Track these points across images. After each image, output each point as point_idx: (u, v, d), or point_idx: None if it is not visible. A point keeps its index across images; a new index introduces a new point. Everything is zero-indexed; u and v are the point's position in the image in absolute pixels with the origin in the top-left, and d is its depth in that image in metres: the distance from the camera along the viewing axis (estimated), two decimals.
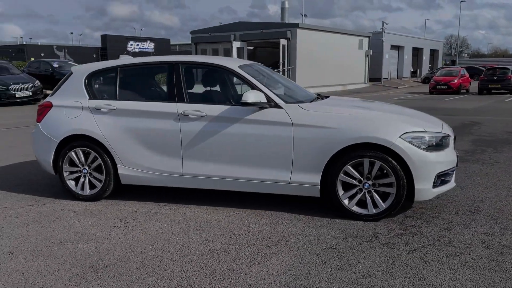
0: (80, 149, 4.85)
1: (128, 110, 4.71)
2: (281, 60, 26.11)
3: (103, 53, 50.69)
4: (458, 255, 3.40)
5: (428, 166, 4.00)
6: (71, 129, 4.84)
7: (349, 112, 4.25)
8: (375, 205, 4.13)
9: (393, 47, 40.04)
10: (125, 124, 4.70)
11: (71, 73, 5.14)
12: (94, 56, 50.21)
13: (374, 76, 36.44)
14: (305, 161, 4.23)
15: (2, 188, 5.42)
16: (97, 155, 4.80)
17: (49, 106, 5.05)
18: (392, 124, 4.09)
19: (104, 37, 53.82)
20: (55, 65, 20.44)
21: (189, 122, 4.50)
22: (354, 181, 4.16)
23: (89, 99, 4.91)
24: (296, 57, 26.07)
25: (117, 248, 3.63)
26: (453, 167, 4.30)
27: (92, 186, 4.90)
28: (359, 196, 4.17)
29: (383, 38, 35.95)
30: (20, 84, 16.52)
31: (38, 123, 5.08)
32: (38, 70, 20.63)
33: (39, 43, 58.16)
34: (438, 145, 4.15)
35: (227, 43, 27.74)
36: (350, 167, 4.12)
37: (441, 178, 4.17)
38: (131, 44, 53.76)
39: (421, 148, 4.02)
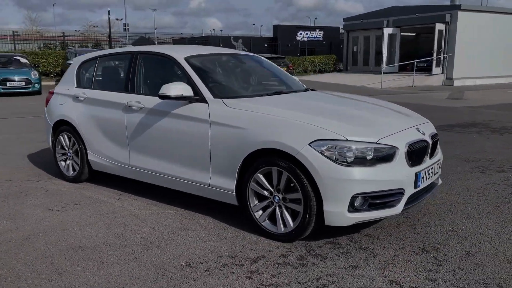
0: (65, 134, 5.21)
1: (94, 99, 4.86)
2: (435, 48, 23.32)
3: (273, 42, 52.93)
4: None
5: (340, 184, 3.14)
6: (58, 114, 5.24)
7: (267, 112, 3.58)
8: (284, 223, 3.44)
9: None
10: (92, 113, 4.86)
11: (71, 62, 5.53)
12: (266, 45, 52.73)
13: None
14: (221, 164, 3.75)
15: (34, 163, 6.17)
16: (75, 141, 5.09)
17: (52, 93, 5.54)
18: (304, 128, 3.30)
19: (275, 27, 56.01)
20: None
21: (131, 114, 4.42)
22: (265, 192, 3.52)
23: (75, 87, 5.22)
24: (455, 44, 22.97)
25: (17, 230, 3.81)
26: (398, 189, 3.28)
27: (74, 169, 5.23)
28: (269, 210, 3.53)
29: None
30: None
31: (45, 108, 5.62)
32: None
33: (229, 35, 63.87)
34: (374, 159, 3.22)
35: (379, 30, 26.05)
36: (260, 176, 3.50)
37: (369, 201, 3.23)
38: (300, 33, 54.88)
39: (338, 161, 3.17)
